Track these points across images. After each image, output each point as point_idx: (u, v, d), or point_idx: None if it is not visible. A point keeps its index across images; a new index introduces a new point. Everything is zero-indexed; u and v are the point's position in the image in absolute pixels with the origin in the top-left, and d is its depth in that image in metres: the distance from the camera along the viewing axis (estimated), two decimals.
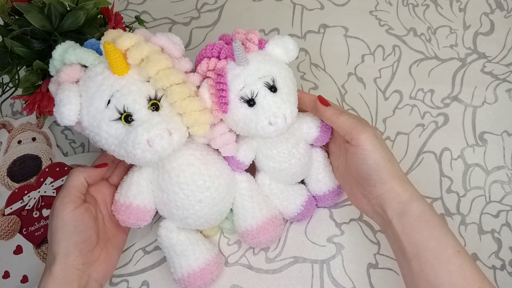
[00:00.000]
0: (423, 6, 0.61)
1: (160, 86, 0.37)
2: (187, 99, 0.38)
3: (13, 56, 0.44)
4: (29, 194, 0.50)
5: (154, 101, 0.38)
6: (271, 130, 0.39)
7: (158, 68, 0.37)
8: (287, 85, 0.40)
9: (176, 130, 0.38)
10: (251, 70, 0.39)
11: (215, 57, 0.41)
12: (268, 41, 0.42)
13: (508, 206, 0.50)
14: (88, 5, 0.43)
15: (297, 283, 0.47)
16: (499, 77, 0.56)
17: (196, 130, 0.38)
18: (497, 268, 0.47)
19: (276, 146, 0.44)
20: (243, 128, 0.40)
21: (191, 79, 0.40)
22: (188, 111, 0.38)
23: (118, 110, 0.36)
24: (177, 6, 0.61)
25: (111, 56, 0.36)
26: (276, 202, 0.47)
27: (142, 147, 0.36)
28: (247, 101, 0.39)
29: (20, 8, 0.42)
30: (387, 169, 0.40)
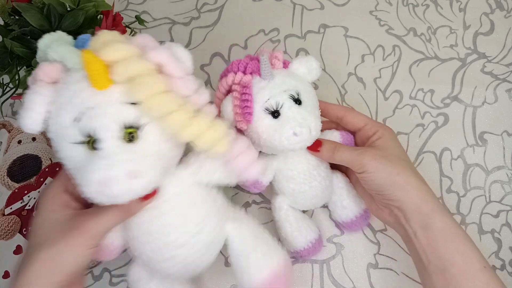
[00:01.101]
0: (423, 6, 0.61)
1: (155, 115, 0.31)
2: (190, 123, 0.31)
3: (13, 56, 0.44)
4: (29, 194, 0.50)
5: (131, 130, 0.30)
6: (296, 140, 0.38)
7: (148, 94, 0.30)
8: (311, 101, 0.40)
9: (144, 174, 0.30)
10: (276, 83, 0.39)
11: (241, 72, 0.41)
12: (292, 61, 0.42)
13: (508, 206, 0.50)
14: (88, 7, 0.43)
15: (297, 283, 0.46)
16: (499, 77, 0.56)
17: (218, 149, 0.32)
18: (497, 268, 0.47)
19: (297, 167, 0.43)
20: (267, 140, 0.39)
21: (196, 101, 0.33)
22: (199, 134, 0.31)
23: (83, 132, 0.30)
24: (177, 6, 0.61)
25: (89, 68, 0.29)
26: (287, 230, 0.45)
27: (96, 187, 0.29)
28: (272, 113, 0.38)
29: (19, 7, 0.42)
30: (397, 184, 0.39)
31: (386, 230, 0.49)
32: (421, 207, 0.38)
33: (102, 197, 0.29)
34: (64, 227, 0.33)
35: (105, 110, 0.30)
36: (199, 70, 0.57)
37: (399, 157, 0.41)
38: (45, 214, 0.35)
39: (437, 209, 0.38)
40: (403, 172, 0.39)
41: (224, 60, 0.58)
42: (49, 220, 0.34)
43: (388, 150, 0.41)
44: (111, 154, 0.30)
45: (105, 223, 0.34)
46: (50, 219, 0.34)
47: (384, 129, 0.43)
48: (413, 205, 0.38)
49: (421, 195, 0.39)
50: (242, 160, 0.35)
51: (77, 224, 0.33)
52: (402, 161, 0.40)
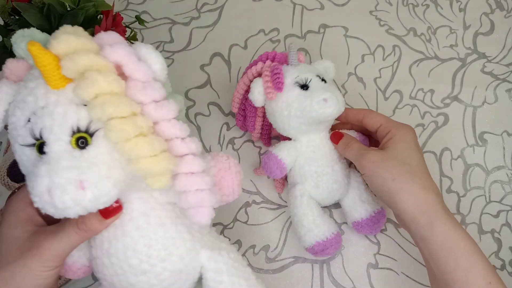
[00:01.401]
0: (423, 6, 0.61)
1: (95, 117, 0.27)
2: (134, 139, 0.27)
3: (13, 56, 0.44)
4: None
5: (82, 135, 0.27)
6: (326, 105, 0.40)
7: (94, 92, 0.26)
8: (334, 86, 0.45)
9: (93, 185, 0.26)
10: (302, 66, 0.44)
11: (270, 60, 0.45)
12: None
13: (508, 206, 0.50)
14: (88, 6, 0.43)
15: (297, 283, 0.46)
16: (499, 77, 0.56)
17: (150, 182, 0.28)
18: (497, 268, 0.47)
19: (319, 149, 0.44)
20: (297, 109, 0.42)
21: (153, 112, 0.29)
22: (135, 156, 0.27)
23: (32, 133, 0.27)
24: (177, 6, 0.61)
25: (37, 62, 0.26)
26: (309, 219, 0.43)
27: (40, 196, 0.26)
28: (301, 86, 0.42)
29: (19, 7, 0.42)
30: (391, 191, 0.37)
31: (386, 230, 0.49)
32: (418, 218, 0.36)
33: (49, 208, 0.26)
34: (22, 246, 0.31)
35: (54, 110, 0.27)
36: (199, 70, 0.57)
37: (401, 161, 0.38)
38: (5, 228, 0.32)
39: (434, 219, 0.36)
40: (400, 178, 0.37)
41: (224, 60, 0.58)
42: (9, 236, 0.31)
43: (392, 153, 0.39)
44: (56, 160, 0.26)
45: (65, 243, 0.31)
46: (10, 235, 0.31)
47: (397, 129, 0.42)
48: (410, 215, 0.37)
49: (417, 204, 0.36)
50: (191, 199, 0.31)
51: (36, 244, 0.30)
52: (404, 166, 0.38)
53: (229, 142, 0.53)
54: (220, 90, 0.56)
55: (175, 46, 0.59)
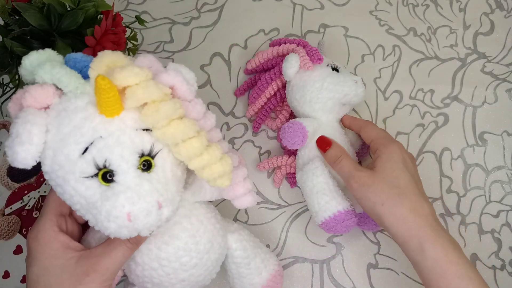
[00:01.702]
0: (423, 6, 0.61)
1: (170, 142, 0.29)
2: (205, 151, 0.29)
3: (13, 56, 0.44)
4: (29, 194, 0.50)
5: (146, 158, 0.29)
6: (357, 85, 0.46)
7: (166, 120, 0.28)
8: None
9: (168, 203, 0.29)
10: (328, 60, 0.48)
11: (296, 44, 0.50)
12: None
13: (508, 206, 0.50)
14: (88, 7, 0.43)
15: (297, 283, 0.46)
16: (499, 77, 0.56)
17: (220, 183, 0.31)
18: (497, 268, 0.47)
19: (336, 131, 0.46)
20: (330, 83, 0.45)
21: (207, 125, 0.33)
22: (207, 166, 0.30)
23: (96, 164, 0.28)
24: (177, 6, 0.61)
25: (103, 95, 0.26)
26: (331, 188, 0.42)
27: (120, 222, 0.27)
28: (333, 68, 0.47)
29: (19, 7, 0.42)
30: (381, 216, 0.37)
31: None
32: (408, 243, 0.36)
33: (125, 232, 0.28)
34: (75, 273, 0.31)
35: (118, 139, 0.28)
36: (199, 70, 0.57)
37: (390, 184, 0.38)
38: (45, 261, 0.31)
39: (426, 244, 0.35)
40: (388, 202, 0.37)
41: (224, 60, 0.58)
42: (53, 268, 0.31)
43: (381, 175, 0.39)
44: (133, 186, 0.28)
45: (119, 259, 0.32)
46: (54, 266, 0.31)
47: (384, 147, 0.41)
48: (400, 239, 0.36)
49: (406, 228, 0.36)
50: (238, 190, 0.35)
51: (92, 268, 0.31)
52: (392, 189, 0.38)
53: (229, 142, 0.53)
54: (220, 90, 0.56)
55: (175, 46, 0.59)
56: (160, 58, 0.57)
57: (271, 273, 0.41)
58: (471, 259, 0.48)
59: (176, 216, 0.34)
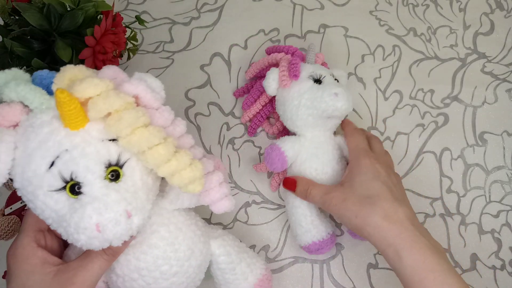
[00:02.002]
0: (423, 6, 0.61)
1: (135, 151, 0.29)
2: (173, 159, 0.29)
3: (13, 56, 0.44)
4: None
5: (114, 168, 0.29)
6: (336, 99, 0.42)
7: (130, 129, 0.28)
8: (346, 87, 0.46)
9: (138, 211, 0.29)
10: (318, 65, 0.47)
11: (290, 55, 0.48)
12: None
13: (508, 206, 0.50)
14: (88, 7, 0.43)
15: (297, 283, 0.46)
16: (499, 77, 0.56)
17: (192, 188, 0.30)
18: (497, 268, 0.47)
19: (322, 146, 0.45)
20: (308, 99, 0.43)
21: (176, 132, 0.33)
22: (177, 172, 0.29)
23: (62, 177, 0.28)
24: (177, 6, 0.61)
25: (65, 108, 0.27)
26: (308, 219, 0.44)
27: (89, 233, 0.27)
28: (315, 80, 0.44)
29: (19, 7, 0.42)
30: (358, 229, 0.37)
31: None
32: (386, 251, 0.35)
33: (96, 243, 0.28)
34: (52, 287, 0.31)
35: (83, 151, 0.28)
36: (199, 70, 0.57)
37: (361, 196, 0.38)
38: (23, 277, 0.31)
39: (402, 252, 0.34)
40: (361, 214, 0.37)
41: (224, 60, 0.58)
42: (31, 283, 0.31)
43: (351, 189, 0.39)
44: (100, 196, 0.28)
45: (96, 272, 0.32)
46: (32, 282, 0.31)
47: (356, 161, 0.41)
48: (379, 248, 0.36)
49: (382, 237, 0.36)
50: (215, 194, 0.35)
51: (69, 281, 0.31)
52: (364, 200, 0.37)
53: (229, 142, 0.53)
54: (220, 90, 0.56)
55: (175, 46, 0.59)
56: (160, 58, 0.57)
57: (258, 278, 0.41)
58: (471, 259, 0.48)
59: (153, 225, 0.34)
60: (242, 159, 0.52)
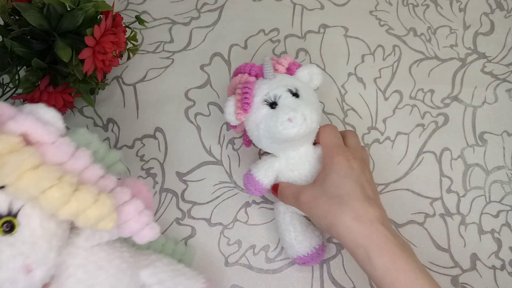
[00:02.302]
0: (423, 6, 0.61)
1: (26, 197, 0.26)
2: (73, 199, 0.27)
3: (13, 56, 0.44)
4: None
5: (7, 219, 0.26)
6: (290, 126, 0.38)
7: (15, 174, 0.25)
8: (310, 98, 0.42)
9: (39, 263, 0.27)
10: (277, 80, 0.42)
11: (247, 73, 0.44)
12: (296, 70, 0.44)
13: (508, 206, 0.50)
14: (88, 7, 0.43)
15: (297, 283, 0.46)
16: (499, 77, 0.56)
17: (102, 226, 0.28)
18: (497, 268, 0.47)
19: (298, 168, 0.43)
20: (265, 130, 0.40)
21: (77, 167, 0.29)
22: (81, 212, 0.27)
23: None
24: (177, 6, 0.61)
25: None
26: (291, 235, 0.44)
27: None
28: (270, 104, 0.41)
29: (19, 7, 0.42)
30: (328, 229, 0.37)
31: None
32: (355, 252, 0.35)
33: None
34: None
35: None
36: (199, 70, 0.57)
37: (331, 195, 0.37)
38: None
39: (372, 253, 0.34)
40: (331, 214, 0.36)
41: (224, 60, 0.58)
42: None
43: (322, 188, 0.38)
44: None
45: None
46: None
47: (329, 158, 0.40)
48: (349, 249, 0.36)
49: (352, 238, 0.35)
50: (134, 225, 0.31)
51: None
52: (334, 199, 0.37)
53: (229, 142, 0.53)
54: (220, 90, 0.56)
55: (175, 46, 0.59)
56: (160, 58, 0.57)
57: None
58: (471, 259, 0.48)
59: (69, 268, 0.31)
60: (242, 159, 0.52)
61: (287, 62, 0.44)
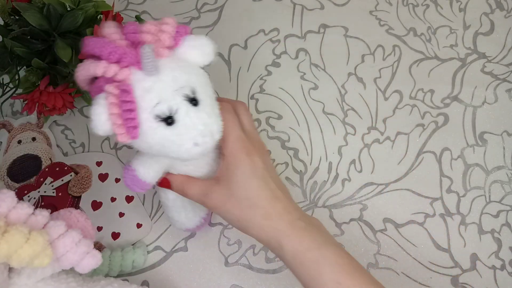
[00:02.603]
0: (423, 6, 0.61)
1: None
2: (2, 240, 0.27)
3: (13, 56, 0.44)
4: (29, 194, 0.50)
5: None
6: (197, 151, 0.32)
7: None
8: (208, 96, 0.34)
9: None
10: (165, 81, 0.31)
11: (114, 63, 0.31)
12: (182, 40, 0.34)
13: (508, 206, 0.50)
14: (88, 7, 0.43)
15: (297, 283, 0.46)
16: (499, 77, 0.56)
17: (39, 263, 0.28)
18: (497, 268, 0.47)
19: (192, 162, 0.38)
20: (160, 151, 0.33)
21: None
22: (13, 251, 0.27)
23: None
24: (177, 6, 0.61)
25: None
26: (181, 214, 0.43)
27: None
28: (165, 119, 0.31)
29: (19, 7, 0.42)
30: (241, 230, 0.37)
31: (386, 230, 0.49)
32: (270, 243, 0.36)
33: None
34: None
35: None
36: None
37: (240, 197, 0.36)
38: None
39: (283, 241, 0.35)
40: (242, 218, 0.36)
41: (224, 60, 0.58)
42: None
43: (230, 190, 0.36)
44: None
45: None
46: None
47: (230, 155, 0.37)
48: (264, 243, 0.36)
49: (265, 234, 0.36)
50: (73, 256, 0.31)
51: None
52: (242, 202, 0.36)
53: None
54: (220, 90, 0.56)
55: None
56: None
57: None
58: (471, 259, 0.48)
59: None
60: None
61: (170, 36, 0.33)
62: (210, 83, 0.35)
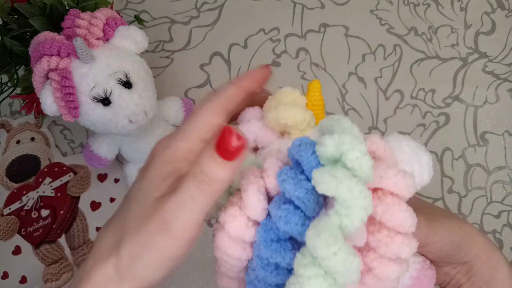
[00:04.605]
0: (424, 5, 0.61)
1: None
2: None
3: (12, 55, 0.44)
4: (28, 195, 0.50)
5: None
6: (133, 128, 0.37)
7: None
8: (142, 79, 0.38)
9: None
10: (100, 67, 0.36)
11: (56, 55, 0.36)
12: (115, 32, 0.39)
13: (509, 207, 0.50)
14: (89, 5, 0.43)
15: None
16: (500, 77, 0.56)
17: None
18: None
19: (142, 139, 0.43)
20: (102, 128, 0.38)
21: None
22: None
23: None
24: (177, 5, 0.61)
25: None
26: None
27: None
28: (101, 101, 0.36)
29: (22, 10, 0.42)
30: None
31: None
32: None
33: None
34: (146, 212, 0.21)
35: None
36: (199, 69, 0.57)
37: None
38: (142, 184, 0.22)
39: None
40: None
41: (224, 60, 0.57)
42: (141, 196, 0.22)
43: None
44: None
45: (190, 209, 0.21)
46: (143, 194, 0.22)
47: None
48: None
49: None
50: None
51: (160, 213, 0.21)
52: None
53: None
54: None
55: (174, 46, 0.58)
56: (159, 58, 0.57)
57: None
58: None
59: None
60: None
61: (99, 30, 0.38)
62: (148, 68, 0.40)
